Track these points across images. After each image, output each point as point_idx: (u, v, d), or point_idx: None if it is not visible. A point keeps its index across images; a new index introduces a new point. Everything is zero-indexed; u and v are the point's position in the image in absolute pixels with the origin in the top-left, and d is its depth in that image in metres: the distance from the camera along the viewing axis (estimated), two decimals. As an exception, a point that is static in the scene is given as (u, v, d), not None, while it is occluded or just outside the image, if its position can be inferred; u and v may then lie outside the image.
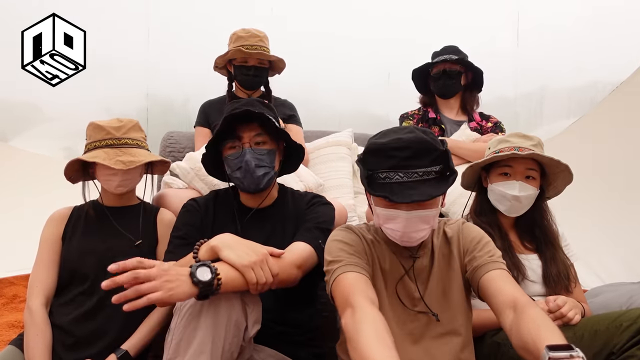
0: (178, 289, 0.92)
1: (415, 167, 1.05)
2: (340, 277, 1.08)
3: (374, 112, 4.13)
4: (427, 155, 1.06)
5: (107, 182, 1.47)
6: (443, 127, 2.28)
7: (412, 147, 1.05)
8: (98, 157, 1.40)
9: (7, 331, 2.13)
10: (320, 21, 3.97)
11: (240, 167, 1.32)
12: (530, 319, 0.93)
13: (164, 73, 3.84)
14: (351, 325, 0.95)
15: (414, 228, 1.08)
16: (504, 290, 1.05)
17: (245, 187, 1.35)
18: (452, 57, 2.24)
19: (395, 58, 3.95)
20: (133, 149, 1.46)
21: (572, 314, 1.28)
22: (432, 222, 1.10)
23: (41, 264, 1.43)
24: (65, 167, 1.46)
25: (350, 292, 1.02)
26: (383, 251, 1.19)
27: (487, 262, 1.12)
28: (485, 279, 1.10)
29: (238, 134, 1.32)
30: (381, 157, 1.08)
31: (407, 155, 1.05)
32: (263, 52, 2.16)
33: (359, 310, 0.96)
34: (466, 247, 1.19)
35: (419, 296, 1.16)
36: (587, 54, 3.65)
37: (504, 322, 1.01)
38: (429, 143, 1.07)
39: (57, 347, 1.33)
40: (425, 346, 1.13)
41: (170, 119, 3.78)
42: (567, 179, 1.54)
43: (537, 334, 0.88)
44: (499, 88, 4.00)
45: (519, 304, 0.99)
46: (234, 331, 1.03)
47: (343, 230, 1.20)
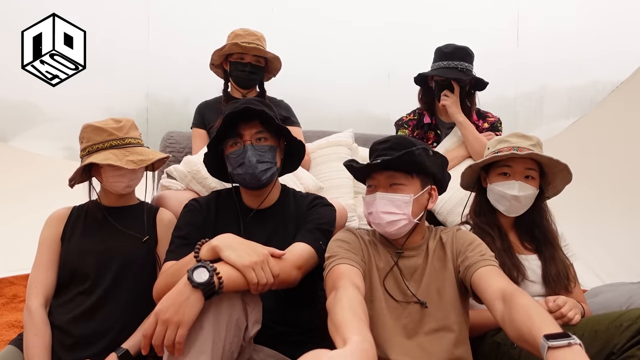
0: (187, 309, 0.96)
1: (390, 155, 1.20)
2: (334, 268, 1.16)
3: (374, 112, 4.14)
4: (403, 147, 1.21)
5: (115, 184, 1.46)
6: (438, 132, 2.25)
7: (392, 140, 1.26)
8: (109, 159, 1.40)
9: (7, 331, 2.13)
10: (320, 21, 3.97)
11: (242, 164, 1.32)
12: (520, 308, 0.95)
13: (164, 73, 3.85)
14: (332, 301, 1.02)
15: (383, 208, 1.22)
16: (492, 284, 1.09)
17: (247, 183, 1.35)
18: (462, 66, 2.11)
19: (395, 58, 3.96)
20: (137, 147, 1.47)
21: (572, 314, 1.28)
22: (405, 209, 1.21)
23: (40, 264, 1.42)
24: (74, 172, 1.44)
25: (339, 278, 1.11)
26: (378, 251, 1.28)
27: (478, 260, 1.18)
28: (476, 276, 1.15)
29: (239, 131, 1.33)
30: (370, 153, 1.31)
31: (386, 147, 1.25)
32: (259, 47, 2.16)
33: (340, 290, 1.04)
34: (459, 249, 1.25)
35: (410, 292, 1.22)
36: (587, 54, 3.65)
37: (495, 315, 1.04)
38: (407, 140, 1.26)
39: (56, 347, 1.33)
40: (419, 341, 1.17)
41: (170, 119, 3.78)
42: (566, 179, 1.54)
43: (531, 324, 0.89)
44: (499, 88, 4.00)
45: (507, 294, 1.02)
46: (235, 331, 1.03)
47: (343, 232, 1.30)
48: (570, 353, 0.80)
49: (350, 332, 0.88)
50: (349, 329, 0.89)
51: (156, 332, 0.95)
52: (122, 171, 1.42)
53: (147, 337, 0.96)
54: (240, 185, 1.40)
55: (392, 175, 1.22)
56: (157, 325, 0.95)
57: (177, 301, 0.96)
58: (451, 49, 2.17)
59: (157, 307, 0.97)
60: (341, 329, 0.90)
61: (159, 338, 0.95)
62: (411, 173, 1.23)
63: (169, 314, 0.95)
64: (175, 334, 0.94)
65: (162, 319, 0.95)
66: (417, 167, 1.23)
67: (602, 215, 3.17)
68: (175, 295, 0.97)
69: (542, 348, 0.83)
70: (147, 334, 0.96)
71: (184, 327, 0.95)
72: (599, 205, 3.19)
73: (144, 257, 1.45)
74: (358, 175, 1.36)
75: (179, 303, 0.96)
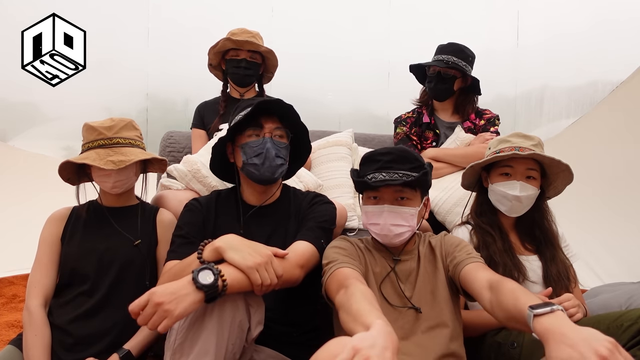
0: (182, 304, 0.94)
1: (396, 169, 1.24)
2: (336, 272, 1.17)
3: (374, 112, 4.14)
4: (408, 162, 1.25)
5: (102, 183, 1.46)
6: (437, 132, 2.26)
7: (394, 152, 1.27)
8: (88, 158, 1.40)
9: (7, 331, 2.13)
10: (320, 21, 3.97)
11: (260, 154, 1.32)
12: (507, 291, 1.01)
13: (164, 73, 3.84)
14: (344, 296, 1.04)
15: (392, 221, 1.25)
16: (479, 276, 1.15)
17: (260, 174, 1.34)
18: (450, 59, 2.16)
19: (395, 58, 3.95)
20: (125, 148, 1.45)
21: (574, 311, 1.30)
22: (411, 221, 1.26)
23: (40, 264, 1.42)
24: (58, 169, 1.45)
25: (345, 278, 1.12)
26: (374, 257, 1.32)
27: (465, 258, 1.24)
28: (464, 272, 1.20)
29: (260, 122, 1.34)
30: (369, 162, 1.29)
31: (389, 159, 1.26)
32: (251, 41, 2.14)
33: (351, 287, 1.06)
34: (447, 250, 1.32)
35: (402, 293, 1.26)
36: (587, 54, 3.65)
37: (484, 304, 1.09)
38: (410, 153, 1.28)
39: (56, 347, 1.33)
40: (416, 340, 1.20)
41: (170, 119, 3.78)
42: (568, 179, 1.54)
43: (517, 301, 0.95)
44: (499, 88, 4.00)
45: (493, 282, 1.08)
46: (238, 332, 1.03)
47: (338, 240, 1.33)
48: (554, 317, 0.85)
49: (371, 318, 0.89)
50: (370, 316, 0.91)
51: (144, 312, 0.92)
52: (105, 171, 1.41)
53: (134, 314, 0.93)
54: (249, 177, 1.37)
55: (400, 190, 1.26)
56: (147, 304, 0.93)
57: (175, 292, 0.94)
58: (445, 44, 2.23)
59: (154, 289, 0.95)
60: (360, 317, 0.92)
61: (145, 319, 0.92)
62: (415, 188, 1.28)
63: (162, 300, 0.92)
64: (160, 323, 0.91)
65: (154, 302, 0.92)
66: (423, 184, 1.29)
67: (602, 215, 3.16)
68: (176, 286, 0.96)
69: (529, 318, 0.88)
70: (133, 310, 0.93)
71: (172, 319, 0.92)
72: (599, 205, 3.18)
73: (144, 258, 1.45)
74: (362, 187, 1.33)
75: (176, 294, 0.94)
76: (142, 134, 1.57)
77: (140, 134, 1.54)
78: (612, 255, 3.00)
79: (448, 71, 2.18)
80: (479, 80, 2.20)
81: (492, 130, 2.19)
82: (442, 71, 2.18)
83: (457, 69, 2.17)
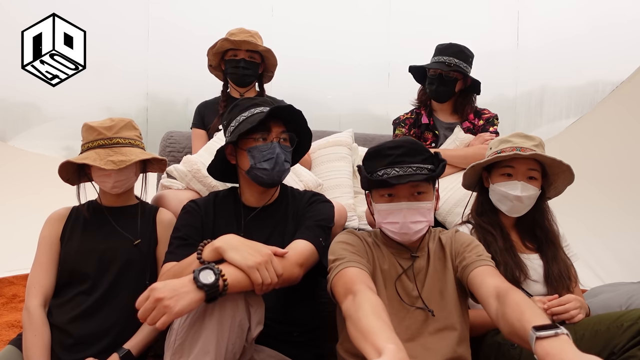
0: (182, 301, 0.93)
1: (409, 163, 1.19)
2: (343, 271, 1.14)
3: (374, 112, 4.13)
4: (419, 154, 1.21)
5: (102, 183, 1.46)
6: (436, 133, 2.25)
7: (405, 145, 1.21)
8: (88, 158, 1.40)
9: (7, 331, 2.13)
10: (320, 21, 3.97)
11: (270, 159, 1.31)
12: (514, 304, 0.98)
13: (164, 73, 3.84)
14: (352, 306, 1.01)
15: (412, 218, 1.19)
16: (487, 282, 1.11)
17: (268, 178, 1.33)
18: (452, 62, 2.14)
19: (395, 58, 3.95)
20: (125, 148, 1.45)
21: (575, 312, 1.30)
22: (428, 216, 1.22)
23: (39, 264, 1.42)
24: (58, 169, 1.45)
25: (352, 282, 1.09)
26: (382, 253, 1.27)
27: (475, 260, 1.19)
28: (472, 276, 1.17)
29: (269, 126, 1.33)
30: (378, 158, 1.22)
31: (400, 153, 1.20)
32: (249, 41, 2.14)
33: (359, 294, 1.02)
34: (457, 249, 1.26)
35: (417, 294, 1.22)
36: (587, 54, 3.65)
37: (489, 312, 1.06)
38: (419, 144, 1.23)
39: (56, 347, 1.33)
40: (423, 342, 1.17)
41: (170, 119, 3.77)
42: (569, 180, 1.54)
43: (522, 317, 0.92)
44: (499, 88, 4.00)
45: (501, 292, 1.04)
46: (238, 332, 1.03)
47: (345, 234, 1.29)
48: (558, 342, 0.82)
49: (382, 340, 0.86)
50: (380, 337, 0.88)
51: (144, 307, 0.93)
52: (105, 171, 1.41)
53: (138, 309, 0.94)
54: (256, 181, 1.36)
55: (416, 185, 1.20)
56: (147, 299, 0.93)
57: (176, 289, 0.94)
58: (445, 45, 2.21)
59: (155, 284, 0.95)
60: (371, 337, 0.89)
61: (145, 313, 0.93)
62: (429, 180, 1.22)
63: (162, 295, 0.92)
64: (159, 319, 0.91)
65: (154, 297, 0.92)
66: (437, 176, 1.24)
67: (602, 215, 3.17)
68: (177, 284, 0.95)
69: (531, 339, 0.85)
70: (138, 305, 0.94)
71: (171, 315, 0.92)
72: (599, 205, 3.18)
73: (144, 258, 1.45)
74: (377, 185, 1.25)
75: (177, 291, 0.94)
76: (142, 134, 1.56)
77: (140, 134, 1.54)
78: (613, 255, 3.00)
79: (450, 74, 2.16)
80: (480, 83, 2.19)
81: (492, 130, 2.18)
82: (444, 73, 2.16)
83: (459, 72, 2.16)
